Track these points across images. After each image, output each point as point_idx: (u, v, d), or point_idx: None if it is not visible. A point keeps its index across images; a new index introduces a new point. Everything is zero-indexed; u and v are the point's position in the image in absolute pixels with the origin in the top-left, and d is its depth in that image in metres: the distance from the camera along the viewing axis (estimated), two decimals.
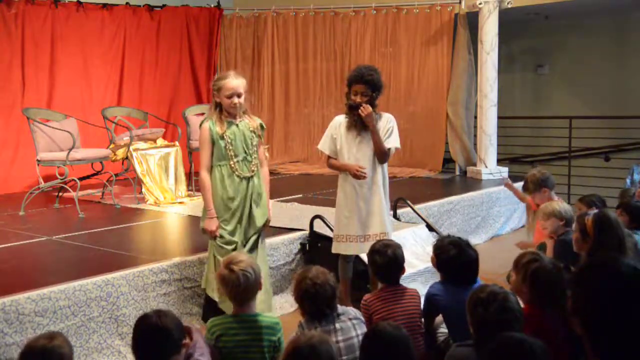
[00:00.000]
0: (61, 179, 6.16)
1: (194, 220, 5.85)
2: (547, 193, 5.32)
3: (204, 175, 3.88)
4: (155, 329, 2.53)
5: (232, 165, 3.85)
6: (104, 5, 8.28)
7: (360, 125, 4.14)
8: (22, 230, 5.30)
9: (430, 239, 5.48)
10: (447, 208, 6.49)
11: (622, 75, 9.15)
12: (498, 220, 7.09)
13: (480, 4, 7.89)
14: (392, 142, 4.20)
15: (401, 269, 3.52)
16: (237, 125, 3.88)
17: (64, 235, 5.06)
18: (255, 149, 3.93)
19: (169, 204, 6.47)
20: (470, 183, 7.89)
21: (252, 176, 3.91)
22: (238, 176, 3.86)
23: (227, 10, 9.54)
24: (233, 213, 3.87)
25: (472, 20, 8.22)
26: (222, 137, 3.82)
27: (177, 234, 5.72)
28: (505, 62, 9.28)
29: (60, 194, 6.53)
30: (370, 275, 4.27)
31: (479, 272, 3.38)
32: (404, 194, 6.00)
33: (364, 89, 4.15)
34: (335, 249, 4.31)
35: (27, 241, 4.96)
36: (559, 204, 4.51)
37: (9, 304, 3.40)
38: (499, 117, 8.28)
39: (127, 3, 8.51)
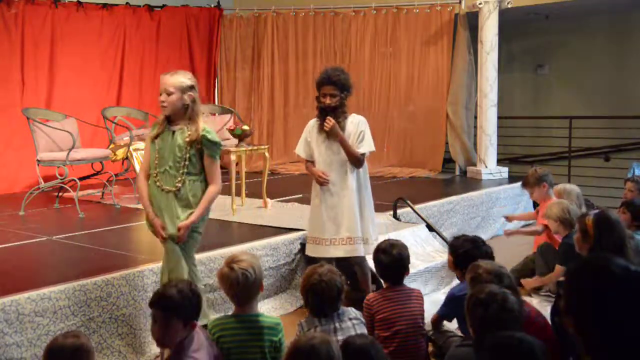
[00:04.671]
0: (61, 179, 6.15)
1: None
2: (546, 188, 5.44)
3: (140, 178, 3.61)
4: (187, 287, 2.76)
5: (155, 176, 3.51)
6: (104, 5, 8.28)
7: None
8: (22, 230, 5.29)
9: (430, 239, 5.49)
10: (447, 208, 6.48)
11: (622, 75, 9.15)
12: (498, 220, 7.08)
13: (480, 4, 7.89)
14: (365, 146, 4.20)
15: (406, 270, 3.53)
16: (173, 132, 3.48)
17: (64, 235, 5.05)
18: (187, 163, 3.45)
19: None
20: (470, 183, 7.88)
21: (171, 191, 3.47)
22: (159, 187, 3.50)
23: (227, 10, 9.54)
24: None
25: (472, 20, 8.22)
26: (153, 142, 3.53)
27: None
28: (505, 62, 9.27)
29: (60, 194, 6.53)
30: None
31: None
32: (404, 194, 6.01)
33: (332, 90, 4.16)
34: (307, 250, 4.40)
35: (27, 241, 4.95)
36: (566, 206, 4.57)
37: (9, 304, 3.39)
38: (499, 117, 8.28)
39: (127, 3, 8.51)
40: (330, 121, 4.11)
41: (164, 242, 3.53)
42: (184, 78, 3.49)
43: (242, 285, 2.91)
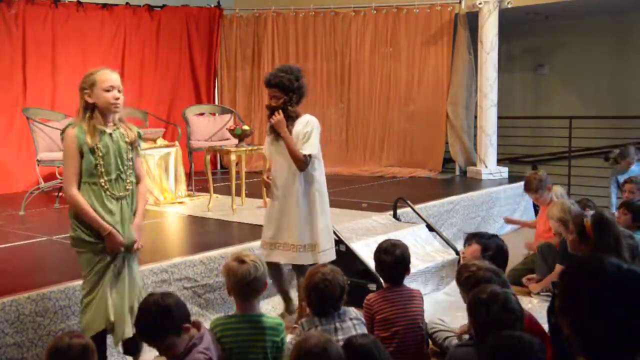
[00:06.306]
0: (61, 179, 6.15)
1: (194, 220, 5.85)
2: (550, 191, 5.45)
3: (74, 192, 3.13)
4: (156, 304, 2.69)
5: (103, 184, 3.16)
6: (104, 5, 8.28)
7: (275, 129, 4.06)
8: (22, 230, 5.30)
9: (430, 239, 5.49)
10: (447, 208, 6.49)
11: (622, 75, 9.15)
12: (498, 220, 7.08)
13: (480, 4, 7.89)
14: (307, 148, 3.97)
15: (407, 270, 3.54)
16: (110, 135, 3.20)
17: (64, 235, 5.03)
18: (130, 164, 3.26)
19: (168, 204, 6.47)
20: (470, 183, 7.88)
21: (126, 196, 3.25)
22: (111, 196, 3.19)
23: (227, 10, 9.54)
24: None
25: (472, 20, 8.22)
26: (92, 151, 3.13)
27: (177, 234, 5.72)
28: (505, 62, 9.28)
29: (60, 194, 6.52)
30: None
31: None
32: (404, 194, 6.01)
33: (275, 92, 4.04)
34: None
35: (27, 241, 4.96)
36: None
37: (9, 304, 3.39)
38: (499, 117, 8.28)
39: (127, 3, 8.51)
40: (276, 116, 3.99)
41: (125, 253, 3.24)
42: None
43: (252, 279, 2.90)
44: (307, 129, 4.01)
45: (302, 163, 3.96)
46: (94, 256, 3.19)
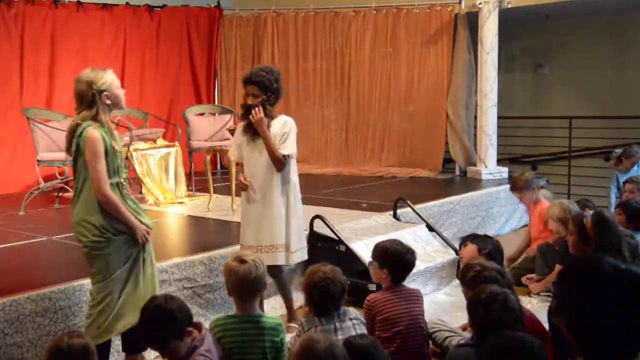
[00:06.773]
0: (61, 179, 6.16)
1: (194, 220, 5.86)
2: (536, 191, 5.46)
3: (111, 193, 3.14)
4: (159, 309, 2.72)
5: (123, 182, 3.25)
6: (104, 5, 8.28)
7: (253, 128, 3.99)
8: (22, 230, 5.29)
9: (431, 239, 5.49)
10: (447, 208, 6.48)
11: (622, 75, 9.15)
12: (498, 220, 7.09)
13: (480, 4, 7.89)
14: (286, 148, 3.96)
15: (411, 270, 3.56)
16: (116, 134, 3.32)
17: (64, 235, 5.05)
18: None
19: (169, 204, 6.47)
20: (470, 183, 7.88)
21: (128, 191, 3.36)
22: (127, 193, 3.29)
23: (227, 10, 9.54)
24: None
25: (472, 20, 8.22)
26: (115, 152, 3.22)
27: (177, 234, 5.72)
28: (505, 62, 9.28)
29: (60, 194, 6.53)
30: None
31: None
32: (404, 194, 6.01)
33: (254, 90, 3.99)
34: None
35: (27, 241, 4.96)
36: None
37: (9, 304, 3.39)
38: (499, 117, 8.28)
39: (127, 3, 8.51)
40: (257, 113, 3.92)
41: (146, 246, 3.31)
42: None
43: (252, 278, 2.90)
44: (286, 130, 4.01)
45: (281, 163, 3.97)
46: (120, 254, 3.20)
